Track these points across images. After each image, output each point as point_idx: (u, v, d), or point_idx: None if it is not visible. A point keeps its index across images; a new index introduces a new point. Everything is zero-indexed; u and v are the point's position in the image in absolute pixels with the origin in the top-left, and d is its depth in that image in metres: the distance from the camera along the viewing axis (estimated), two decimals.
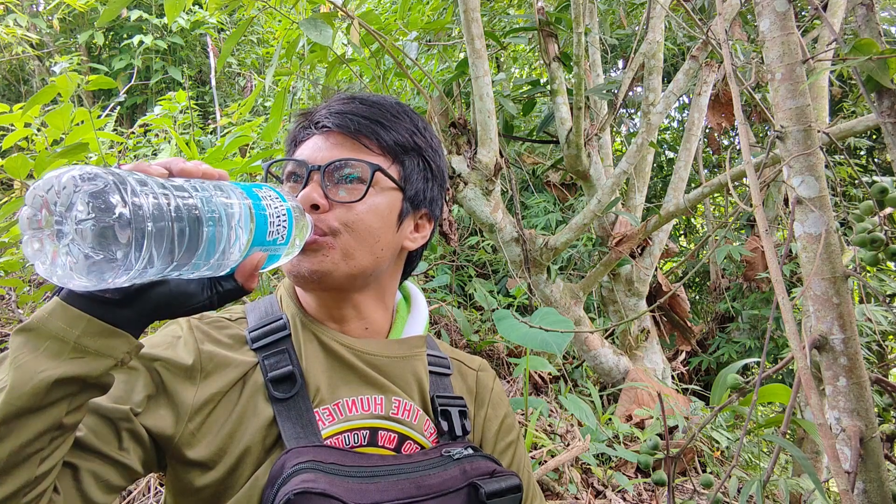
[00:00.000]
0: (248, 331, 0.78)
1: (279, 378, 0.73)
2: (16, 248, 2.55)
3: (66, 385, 0.53)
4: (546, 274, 2.87)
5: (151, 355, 0.71)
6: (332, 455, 0.68)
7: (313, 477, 0.63)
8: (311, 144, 0.80)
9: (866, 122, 2.25)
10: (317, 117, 0.81)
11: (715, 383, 1.13)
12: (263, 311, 0.82)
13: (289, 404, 0.72)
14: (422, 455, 0.74)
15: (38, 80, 6.10)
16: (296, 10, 3.15)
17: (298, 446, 0.68)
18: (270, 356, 0.75)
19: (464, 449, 0.75)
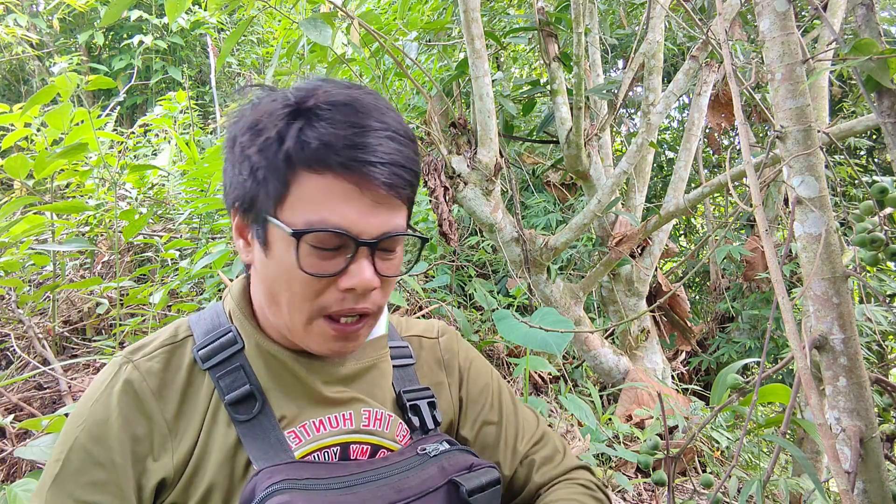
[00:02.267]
0: (196, 348, 0.72)
1: (238, 399, 0.69)
2: (15, 248, 2.55)
3: None
4: (546, 274, 2.87)
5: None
6: (306, 470, 0.66)
7: (289, 498, 0.61)
8: (346, 200, 0.65)
9: (866, 122, 2.25)
10: (358, 160, 0.64)
11: (715, 383, 1.13)
12: (210, 325, 0.75)
13: (252, 424, 0.69)
14: (398, 456, 0.73)
15: (38, 80, 6.10)
16: (296, 10, 3.15)
17: (270, 465, 0.65)
18: (224, 375, 0.71)
19: (439, 444, 0.75)
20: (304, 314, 0.69)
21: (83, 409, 0.70)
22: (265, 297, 0.73)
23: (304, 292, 0.68)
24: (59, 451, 0.68)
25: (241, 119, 0.71)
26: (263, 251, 0.70)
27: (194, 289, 3.17)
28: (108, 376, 0.72)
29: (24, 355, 2.40)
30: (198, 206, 2.92)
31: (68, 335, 2.84)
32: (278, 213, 0.67)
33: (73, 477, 0.66)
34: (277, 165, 0.65)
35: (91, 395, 0.71)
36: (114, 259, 3.26)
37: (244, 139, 0.69)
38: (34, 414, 2.09)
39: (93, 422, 0.68)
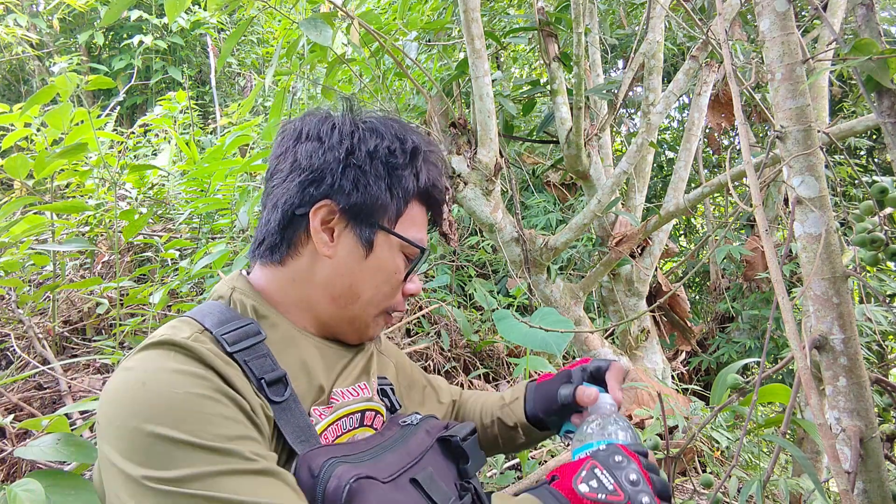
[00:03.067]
0: (219, 334, 0.72)
1: (272, 381, 0.72)
2: (15, 248, 2.55)
3: None
4: (546, 274, 2.87)
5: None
6: (339, 449, 0.72)
7: (345, 469, 0.67)
8: (424, 225, 0.88)
9: (866, 122, 2.25)
10: (441, 203, 0.89)
11: (715, 383, 1.13)
12: (221, 317, 0.75)
13: (283, 407, 0.71)
14: (389, 430, 0.82)
15: (38, 80, 6.10)
16: (296, 10, 3.15)
17: (310, 449, 0.70)
18: (253, 360, 0.72)
19: (413, 416, 0.86)
20: (379, 308, 0.85)
21: (171, 398, 0.62)
22: (341, 289, 0.82)
23: (389, 292, 0.85)
24: (177, 420, 0.61)
25: (379, 139, 0.82)
26: (363, 251, 0.81)
27: (194, 289, 3.17)
28: (173, 352, 0.66)
29: (24, 355, 2.40)
30: (198, 206, 2.92)
31: (68, 335, 2.85)
32: (394, 226, 0.83)
33: (206, 419, 0.62)
34: (408, 189, 0.83)
35: (162, 383, 0.63)
36: (114, 259, 3.26)
37: (393, 160, 0.82)
38: (34, 414, 2.09)
39: (182, 377, 0.63)
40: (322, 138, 0.81)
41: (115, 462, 0.60)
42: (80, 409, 1.52)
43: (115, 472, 0.60)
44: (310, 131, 0.82)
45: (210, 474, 0.59)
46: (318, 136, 0.81)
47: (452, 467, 0.80)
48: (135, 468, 0.59)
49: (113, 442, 0.61)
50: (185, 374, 0.64)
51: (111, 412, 0.63)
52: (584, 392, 0.90)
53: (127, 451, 0.60)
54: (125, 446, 0.60)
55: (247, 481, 0.60)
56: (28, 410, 2.12)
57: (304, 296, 0.82)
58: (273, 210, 0.81)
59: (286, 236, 0.81)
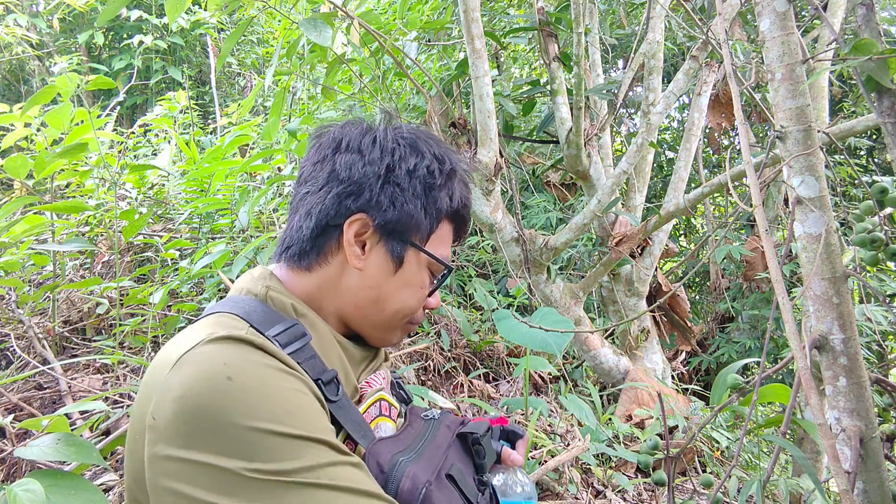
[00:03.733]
0: (272, 335, 0.72)
1: (327, 381, 0.73)
2: (15, 248, 2.55)
3: None
4: (546, 274, 2.87)
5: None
6: (397, 444, 0.76)
7: (416, 468, 0.71)
8: (449, 244, 0.91)
9: (866, 122, 2.25)
10: (467, 222, 0.93)
11: (715, 383, 1.13)
12: (265, 316, 0.75)
13: (338, 406, 0.73)
14: (417, 423, 0.85)
15: (38, 80, 6.10)
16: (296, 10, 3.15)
17: (374, 443, 0.74)
18: (304, 361, 0.73)
19: (431, 410, 0.90)
20: (404, 319, 0.87)
21: (265, 393, 0.62)
22: (367, 301, 0.84)
23: (414, 305, 0.87)
24: (279, 415, 0.61)
25: (419, 158, 0.83)
26: (393, 266, 0.83)
27: (194, 289, 3.17)
28: (230, 349, 0.64)
29: (24, 355, 2.40)
30: (198, 206, 2.92)
31: (68, 335, 2.84)
32: (427, 245, 0.85)
33: (307, 413, 0.64)
34: (442, 209, 0.85)
35: (250, 377, 0.62)
36: (114, 259, 3.26)
37: (431, 181, 0.83)
38: (34, 414, 2.09)
39: (274, 373, 0.64)
40: (363, 151, 0.81)
41: (191, 458, 0.57)
42: (80, 409, 1.52)
43: (196, 471, 0.57)
44: (350, 142, 0.82)
45: (321, 465, 0.61)
46: (359, 149, 0.82)
47: (470, 463, 0.83)
48: (235, 462, 0.57)
49: (191, 441, 0.58)
50: (271, 368, 0.64)
51: (188, 408, 0.59)
52: (511, 455, 0.94)
53: (222, 445, 0.58)
54: (219, 441, 0.58)
55: (352, 471, 0.63)
56: (28, 410, 2.12)
57: (330, 302, 0.83)
58: (306, 217, 0.81)
59: (317, 244, 0.81)
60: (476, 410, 2.56)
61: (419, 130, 0.87)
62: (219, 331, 0.66)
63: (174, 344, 0.69)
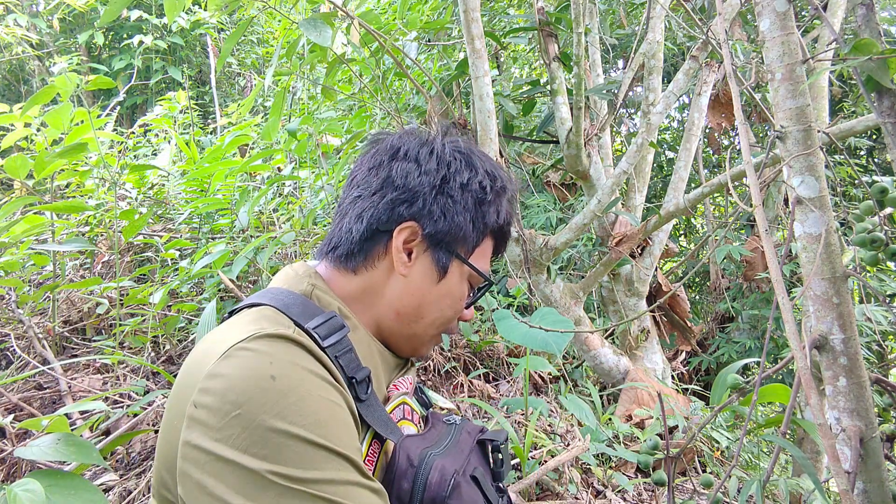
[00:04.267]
0: (312, 327, 0.73)
1: (360, 380, 0.74)
2: (15, 248, 2.55)
3: None
4: (546, 274, 2.87)
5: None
6: (427, 440, 0.78)
7: (444, 461, 0.73)
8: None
9: (866, 122, 2.25)
10: (506, 246, 0.95)
11: (715, 383, 1.13)
12: (304, 308, 0.76)
13: (367, 404, 0.74)
14: (440, 426, 0.86)
15: (38, 80, 6.10)
16: (296, 10, 3.15)
17: (407, 437, 0.76)
18: (342, 355, 0.74)
19: (451, 416, 0.91)
20: (439, 329, 0.89)
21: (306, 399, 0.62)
22: (409, 308, 0.85)
23: (451, 315, 0.88)
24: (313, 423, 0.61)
25: (474, 173, 0.85)
26: (437, 275, 0.85)
27: (194, 289, 3.17)
28: (278, 348, 0.65)
29: (24, 355, 2.40)
30: (198, 206, 2.92)
31: (68, 335, 2.84)
32: (468, 257, 0.86)
33: (339, 426, 0.64)
34: (489, 225, 0.87)
35: (294, 381, 0.63)
36: (114, 259, 3.26)
37: (482, 196, 0.85)
38: (34, 414, 2.09)
39: (315, 379, 0.65)
40: (420, 161, 0.83)
41: (219, 453, 0.58)
42: (80, 409, 1.52)
43: (222, 467, 0.58)
44: (408, 151, 0.84)
45: (343, 482, 0.61)
46: (417, 158, 0.83)
47: (488, 470, 0.84)
48: (259, 462, 0.58)
49: (225, 433, 0.59)
50: (315, 375, 0.65)
51: (231, 400, 0.60)
52: None
53: (245, 443, 0.58)
54: (244, 438, 0.59)
55: (370, 497, 0.63)
56: (28, 410, 2.12)
57: (372, 306, 0.84)
58: (357, 220, 0.83)
59: (365, 248, 0.83)
60: (476, 411, 2.56)
61: (473, 146, 0.89)
62: (268, 327, 0.67)
63: (220, 335, 0.69)
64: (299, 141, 2.61)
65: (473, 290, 0.91)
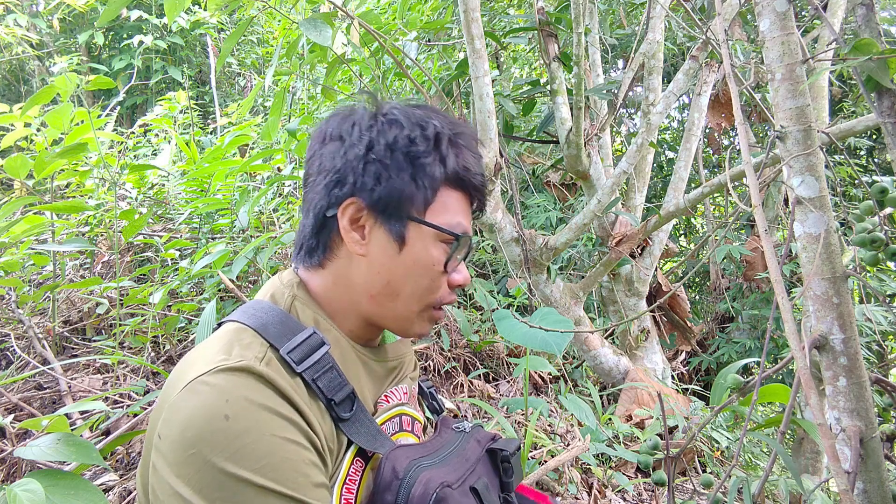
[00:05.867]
0: (286, 351, 0.72)
1: (341, 400, 0.73)
2: (15, 248, 2.55)
3: None
4: (546, 274, 2.87)
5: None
6: (417, 451, 0.76)
7: (430, 473, 0.71)
8: (466, 212, 0.84)
9: (866, 122, 2.25)
10: (478, 188, 0.84)
11: (715, 383, 1.13)
12: (283, 328, 0.75)
13: (353, 420, 0.74)
14: (447, 433, 0.85)
15: (38, 80, 6.10)
16: (296, 10, 3.15)
17: (394, 449, 0.74)
18: (321, 376, 0.72)
19: (463, 423, 0.89)
20: (423, 304, 0.81)
21: (258, 441, 0.62)
22: (379, 287, 0.80)
23: (431, 286, 0.81)
24: (264, 467, 0.62)
25: (394, 126, 0.79)
26: (396, 246, 0.79)
27: (194, 289, 3.17)
28: (236, 384, 0.65)
29: (24, 355, 2.40)
30: (198, 206, 2.92)
31: (68, 335, 2.84)
32: (424, 216, 0.79)
33: (293, 466, 0.63)
34: (435, 177, 0.79)
35: (249, 421, 0.63)
36: (114, 259, 3.26)
37: (402, 144, 0.78)
38: (34, 414, 2.09)
39: (270, 417, 0.64)
40: (343, 137, 0.80)
41: (177, 489, 0.61)
42: (80, 409, 1.52)
43: (178, 500, 0.61)
44: (332, 132, 0.82)
45: None
46: (340, 136, 0.81)
47: (496, 480, 0.83)
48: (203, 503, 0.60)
49: (182, 470, 0.61)
50: (271, 412, 0.64)
51: (187, 438, 0.61)
52: None
53: (199, 484, 0.60)
54: (198, 479, 0.60)
55: None
56: (28, 410, 2.12)
57: (347, 297, 0.81)
58: (306, 215, 0.82)
59: (321, 240, 0.81)
60: (476, 411, 2.56)
61: (409, 104, 0.83)
62: (232, 357, 0.67)
63: (196, 355, 0.71)
64: (299, 141, 2.61)
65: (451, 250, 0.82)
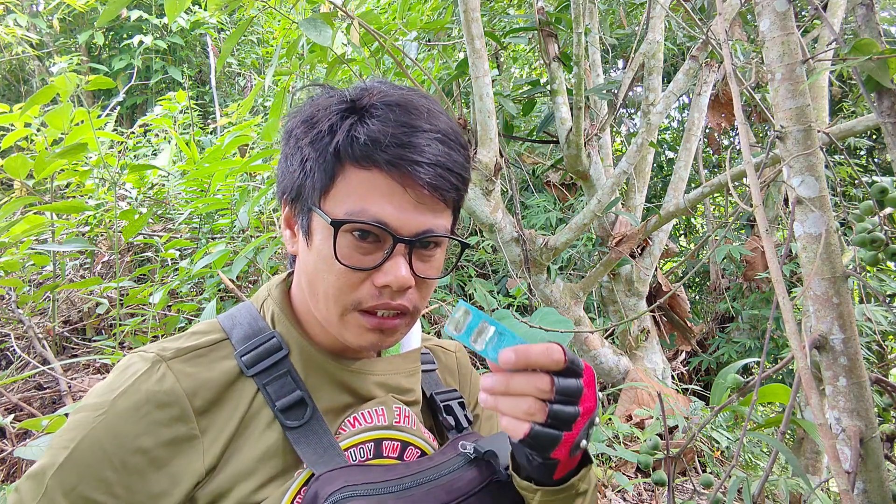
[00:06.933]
0: (238, 354, 0.70)
1: (288, 406, 0.69)
2: (15, 248, 2.55)
3: None
4: (546, 274, 2.87)
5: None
6: (363, 474, 0.66)
7: (362, 501, 0.62)
8: (389, 196, 0.66)
9: (866, 122, 2.25)
10: (405, 159, 0.65)
11: (715, 383, 1.13)
12: (249, 329, 0.74)
13: (304, 430, 0.69)
14: (441, 456, 0.74)
15: (38, 80, 6.10)
16: (296, 10, 3.15)
17: (327, 470, 0.65)
18: (271, 382, 0.70)
19: (475, 443, 0.77)
20: (340, 306, 0.70)
21: (103, 400, 0.64)
22: (307, 287, 0.73)
23: (340, 284, 0.68)
24: (68, 438, 0.63)
25: (299, 113, 0.73)
26: (306, 241, 0.72)
27: (194, 289, 3.17)
28: (137, 371, 0.66)
29: (24, 355, 2.40)
30: (198, 206, 2.92)
31: (68, 335, 2.84)
32: (322, 203, 0.69)
33: (80, 469, 0.62)
34: (326, 158, 0.68)
35: (114, 386, 0.65)
36: (114, 259, 3.26)
37: (298, 131, 0.71)
38: (34, 414, 2.09)
39: (114, 415, 0.63)
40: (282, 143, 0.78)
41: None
42: None
43: None
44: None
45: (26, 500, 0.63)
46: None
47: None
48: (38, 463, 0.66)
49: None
50: (127, 401, 0.65)
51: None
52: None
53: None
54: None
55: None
56: (28, 410, 2.12)
57: (304, 299, 0.77)
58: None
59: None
60: None
61: (335, 88, 0.76)
62: (165, 344, 0.71)
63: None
64: None
65: (360, 243, 0.69)
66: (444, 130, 0.69)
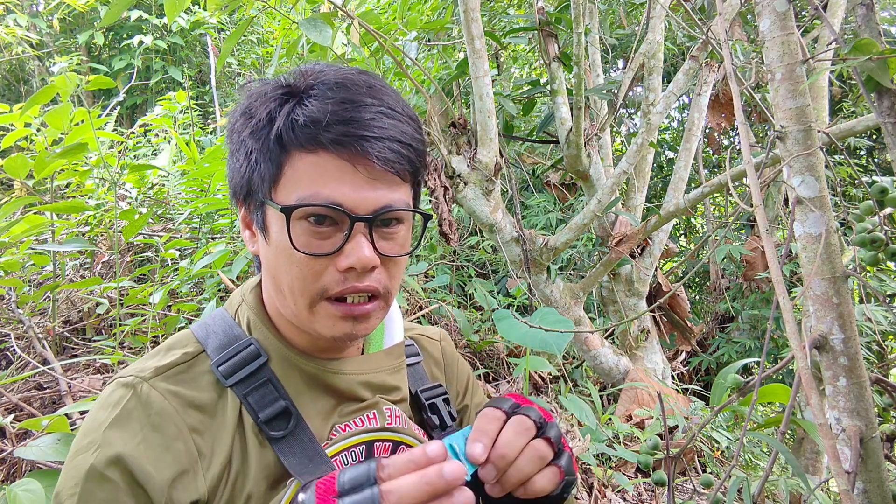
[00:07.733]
0: (215, 364, 0.69)
1: (272, 416, 0.67)
2: (15, 248, 2.55)
3: None
4: (546, 274, 2.87)
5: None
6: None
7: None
8: (339, 176, 0.64)
9: (866, 122, 2.25)
10: (350, 135, 0.63)
11: (715, 383, 1.13)
12: (224, 338, 0.72)
13: (289, 440, 0.67)
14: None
15: (38, 80, 6.10)
16: (296, 10, 3.15)
17: (313, 479, 0.63)
18: (252, 392, 0.68)
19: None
20: (307, 298, 0.67)
21: (94, 437, 0.62)
22: (272, 286, 0.71)
23: (302, 274, 0.66)
24: (71, 484, 0.61)
25: (238, 107, 0.71)
26: (264, 237, 0.69)
27: (194, 289, 3.17)
28: (120, 398, 0.65)
29: (24, 355, 2.40)
30: (198, 206, 2.92)
31: (68, 335, 2.84)
32: (273, 195, 0.66)
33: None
34: (269, 147, 0.65)
35: (101, 419, 0.64)
36: (114, 259, 3.26)
37: (238, 124, 0.69)
38: (34, 414, 2.09)
39: (109, 446, 0.61)
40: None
41: None
42: (80, 409, 1.52)
43: None
44: None
45: None
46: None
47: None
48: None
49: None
50: (126, 429, 0.63)
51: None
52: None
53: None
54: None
55: None
56: (28, 410, 2.12)
57: (271, 303, 0.75)
58: None
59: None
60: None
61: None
62: (140, 365, 0.69)
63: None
64: None
65: (316, 228, 0.67)
66: (388, 104, 0.67)
